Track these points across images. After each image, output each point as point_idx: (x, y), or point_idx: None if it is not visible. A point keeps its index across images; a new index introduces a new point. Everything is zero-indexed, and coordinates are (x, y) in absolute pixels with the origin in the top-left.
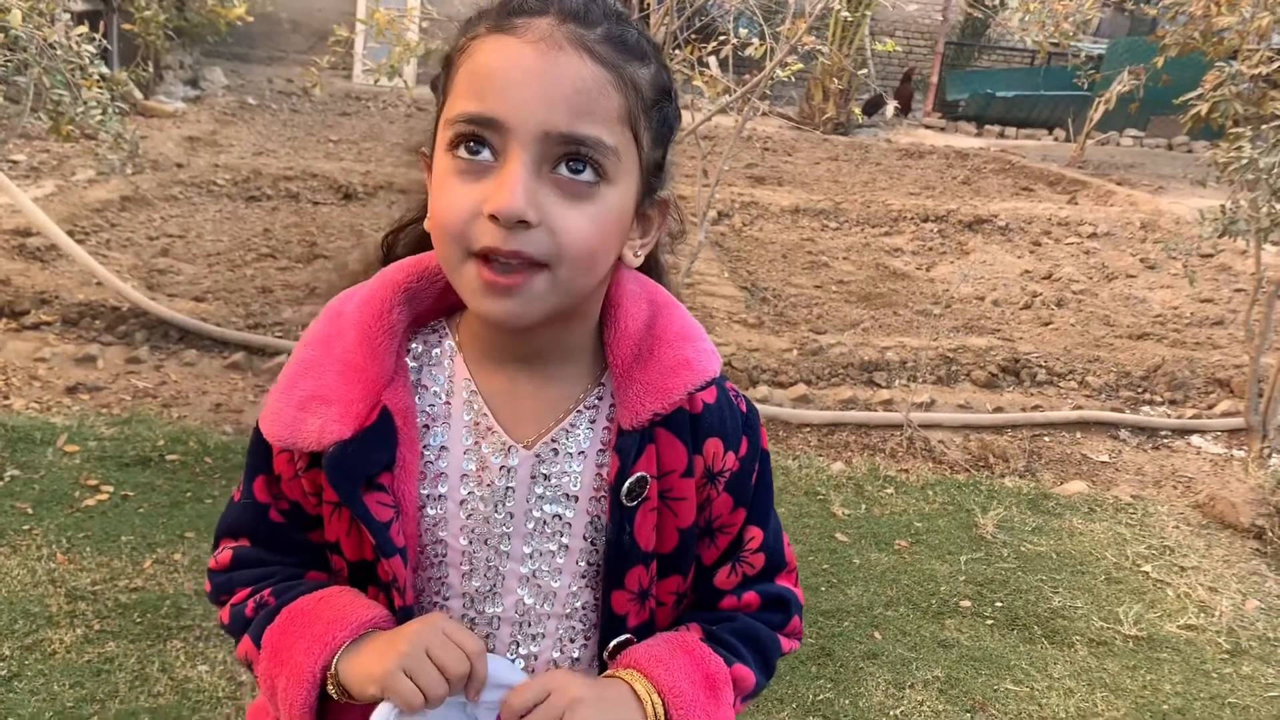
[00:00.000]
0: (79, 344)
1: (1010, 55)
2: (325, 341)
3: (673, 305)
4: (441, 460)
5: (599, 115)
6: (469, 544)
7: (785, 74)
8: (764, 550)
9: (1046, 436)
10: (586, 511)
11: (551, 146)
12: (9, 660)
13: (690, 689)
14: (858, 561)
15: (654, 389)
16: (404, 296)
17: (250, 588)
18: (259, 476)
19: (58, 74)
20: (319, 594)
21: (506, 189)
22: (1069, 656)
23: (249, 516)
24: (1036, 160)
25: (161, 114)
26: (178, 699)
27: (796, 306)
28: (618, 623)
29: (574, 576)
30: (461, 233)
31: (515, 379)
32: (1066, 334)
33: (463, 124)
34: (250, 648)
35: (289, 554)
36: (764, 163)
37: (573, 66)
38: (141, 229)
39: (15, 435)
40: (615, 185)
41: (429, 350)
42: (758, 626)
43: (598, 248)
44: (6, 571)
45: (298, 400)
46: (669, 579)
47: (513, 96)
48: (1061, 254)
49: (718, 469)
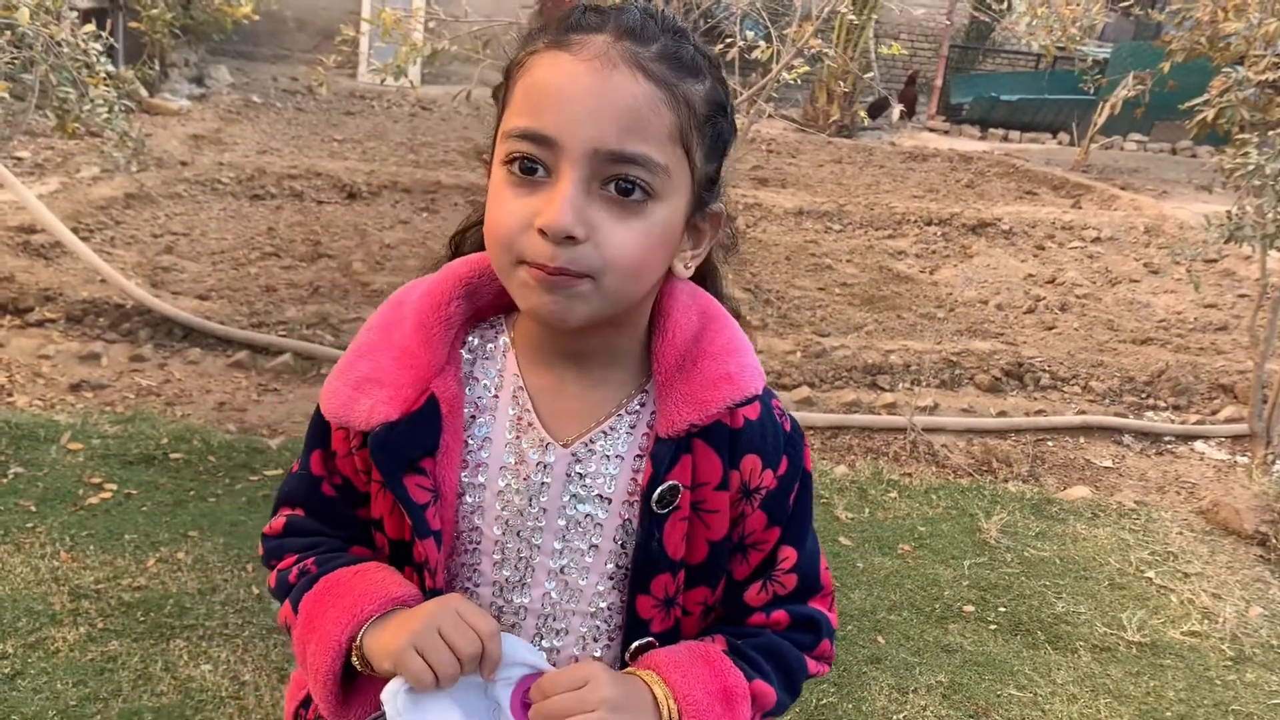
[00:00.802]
0: (83, 341)
1: (1015, 59)
2: (385, 327)
3: (723, 318)
4: (484, 451)
5: (649, 133)
6: (502, 534)
7: (791, 76)
8: (797, 571)
9: (1050, 441)
10: (619, 515)
11: (601, 164)
12: (12, 658)
13: (706, 699)
14: (861, 565)
15: (693, 400)
16: (464, 290)
17: (296, 555)
18: (316, 450)
19: (64, 71)
20: (356, 568)
21: (556, 205)
22: (1072, 662)
23: (304, 488)
24: (1040, 164)
25: (166, 112)
26: (180, 698)
27: (800, 309)
28: (641, 626)
29: (601, 577)
30: (512, 243)
31: (562, 378)
32: (1070, 338)
33: (516, 139)
34: (289, 612)
35: (338, 527)
36: (768, 165)
37: (625, 85)
38: (146, 226)
39: (19, 433)
40: (664, 201)
41: (484, 344)
42: (784, 645)
43: (643, 262)
44: (10, 569)
45: (354, 381)
46: (697, 589)
47: (564, 114)
48: (1065, 258)
49: (754, 485)
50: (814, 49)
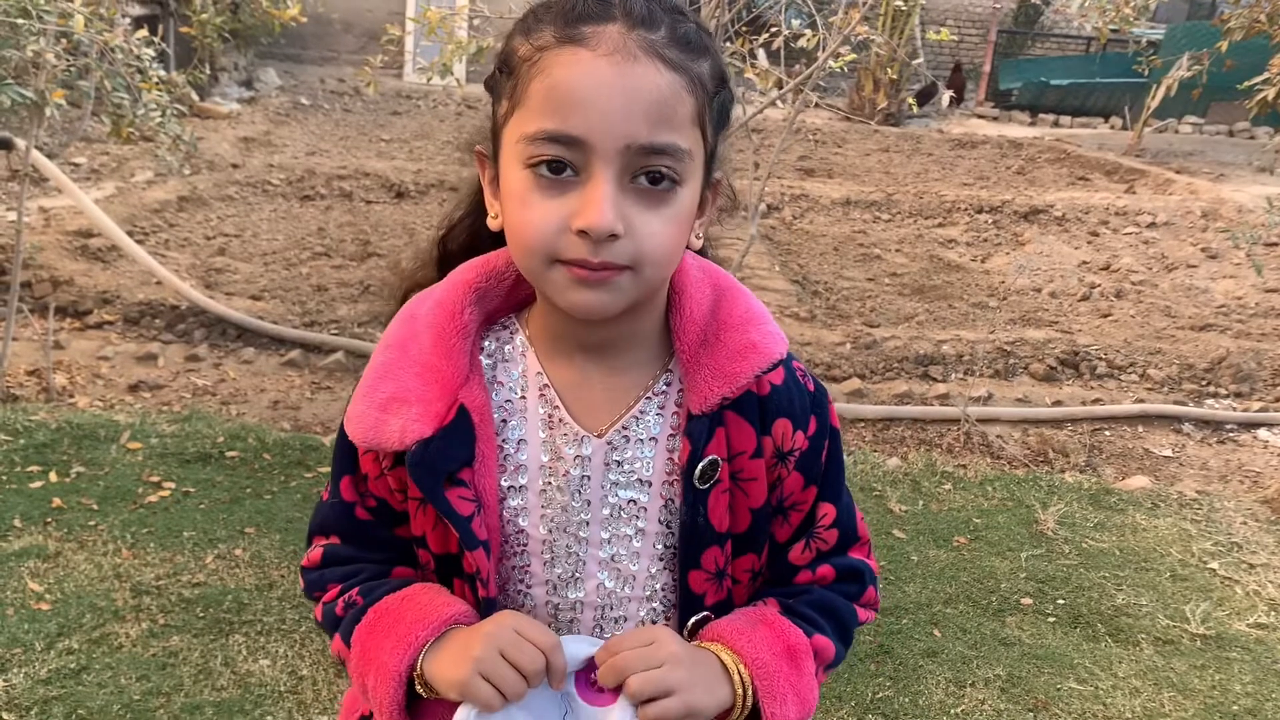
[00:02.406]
0: (140, 342)
1: (1064, 43)
2: (402, 344)
3: (736, 289)
4: (520, 453)
5: (676, 122)
6: (549, 532)
7: (837, 65)
8: (836, 525)
9: (1107, 430)
10: (660, 495)
11: (633, 158)
12: (77, 653)
13: (773, 660)
14: (915, 558)
15: (721, 373)
16: (475, 296)
17: (340, 584)
18: (345, 476)
19: (118, 78)
20: (403, 593)
21: (596, 206)
22: (1134, 655)
23: (337, 515)
24: (1092, 149)
25: (217, 115)
26: (240, 693)
27: (849, 300)
28: (696, 602)
29: (652, 559)
30: (548, 246)
31: (585, 369)
32: (1126, 326)
33: (544, 142)
34: (341, 646)
35: (376, 550)
36: (814, 155)
37: (649, 77)
38: (199, 229)
39: (80, 433)
40: (688, 185)
41: (502, 347)
42: (834, 598)
43: (676, 247)
44: (74, 566)
45: (379, 403)
46: (744, 558)
47: (593, 113)
48: (1120, 244)
49: (787, 449)
50: (860, 36)
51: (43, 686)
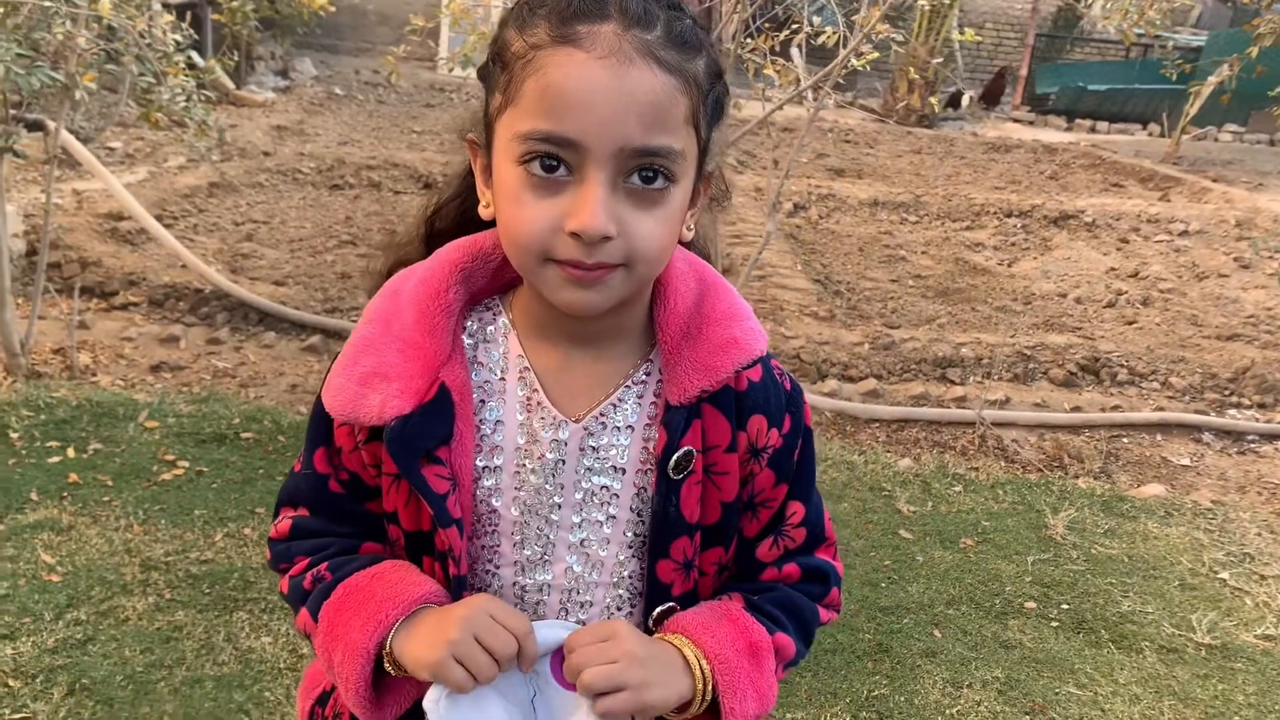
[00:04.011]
0: (163, 324)
1: (1104, 48)
2: (385, 319)
3: (721, 285)
4: (497, 434)
5: (669, 124)
6: (520, 514)
7: (860, 63)
8: (805, 525)
9: (1125, 438)
10: (633, 484)
11: (626, 160)
12: (85, 624)
13: (735, 656)
14: (921, 559)
15: (702, 367)
16: (460, 276)
17: (308, 558)
18: (319, 449)
19: (146, 62)
20: (373, 570)
21: (589, 209)
22: (1136, 662)
23: (309, 487)
24: (1129, 156)
25: (252, 104)
26: (241, 668)
27: (871, 300)
28: (662, 591)
29: (621, 546)
30: (541, 245)
31: (568, 356)
32: (1151, 333)
33: (537, 142)
34: (308, 620)
35: (346, 524)
36: (844, 155)
37: (645, 80)
38: (228, 214)
39: (100, 410)
40: (680, 183)
41: (484, 328)
42: (798, 597)
43: (669, 245)
44: (86, 540)
45: (359, 376)
46: (712, 550)
47: (587, 116)
48: (1150, 252)
49: (761, 445)
50: (883, 34)
51: (49, 655)
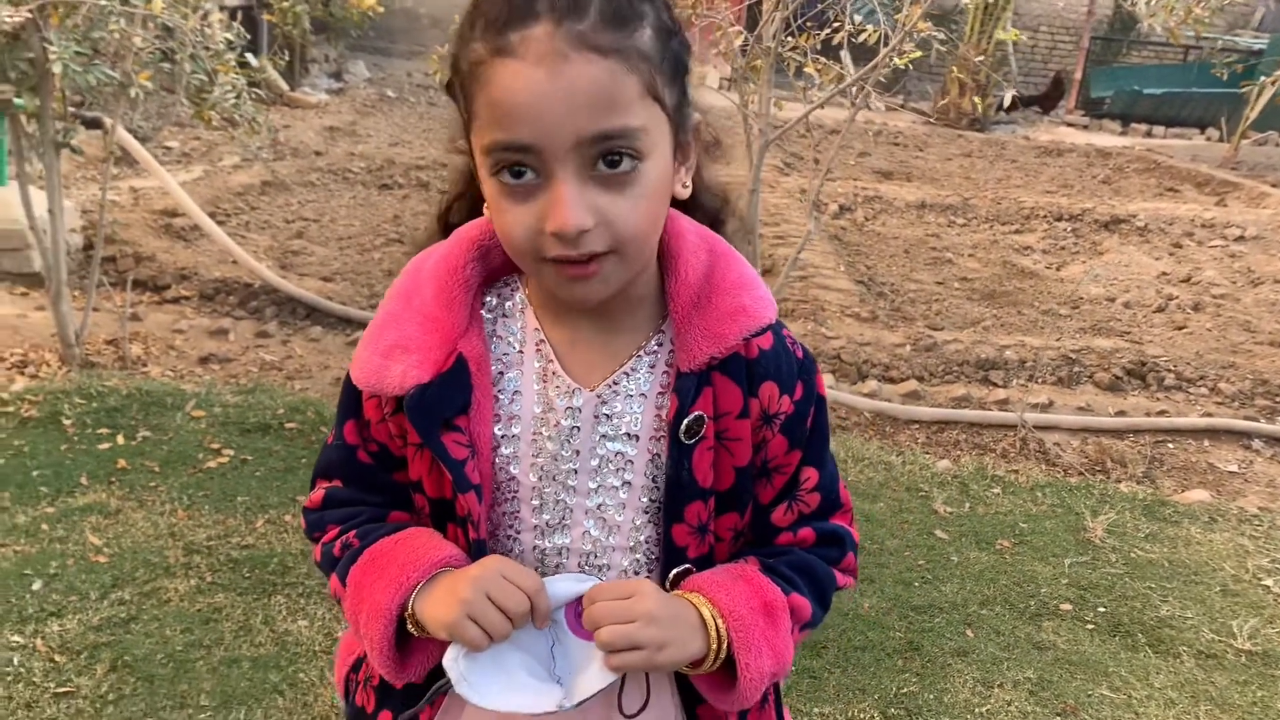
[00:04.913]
0: (213, 318)
1: (1162, 51)
2: (406, 296)
3: (730, 254)
4: (515, 404)
5: (622, 105)
6: (538, 480)
7: (902, 62)
8: (819, 490)
9: (1171, 443)
10: (647, 450)
11: (586, 150)
12: (129, 604)
13: (750, 614)
14: (956, 559)
15: (711, 334)
16: (478, 252)
17: (339, 526)
18: (349, 421)
19: (199, 60)
20: (397, 536)
21: (560, 208)
22: (1173, 667)
23: (340, 458)
24: (1185, 160)
25: (305, 105)
26: (277, 650)
27: (915, 302)
28: (678, 554)
29: (637, 511)
30: (531, 248)
31: (581, 329)
32: (1201, 339)
33: (499, 153)
34: (338, 585)
35: (375, 493)
36: (892, 158)
37: (584, 72)
38: (279, 212)
39: (149, 399)
40: (650, 158)
41: (503, 303)
42: (813, 560)
43: (653, 221)
44: (132, 524)
45: (383, 349)
46: (726, 515)
47: (536, 121)
48: (1204, 257)
49: (773, 411)
50: (923, 33)
51: (94, 633)
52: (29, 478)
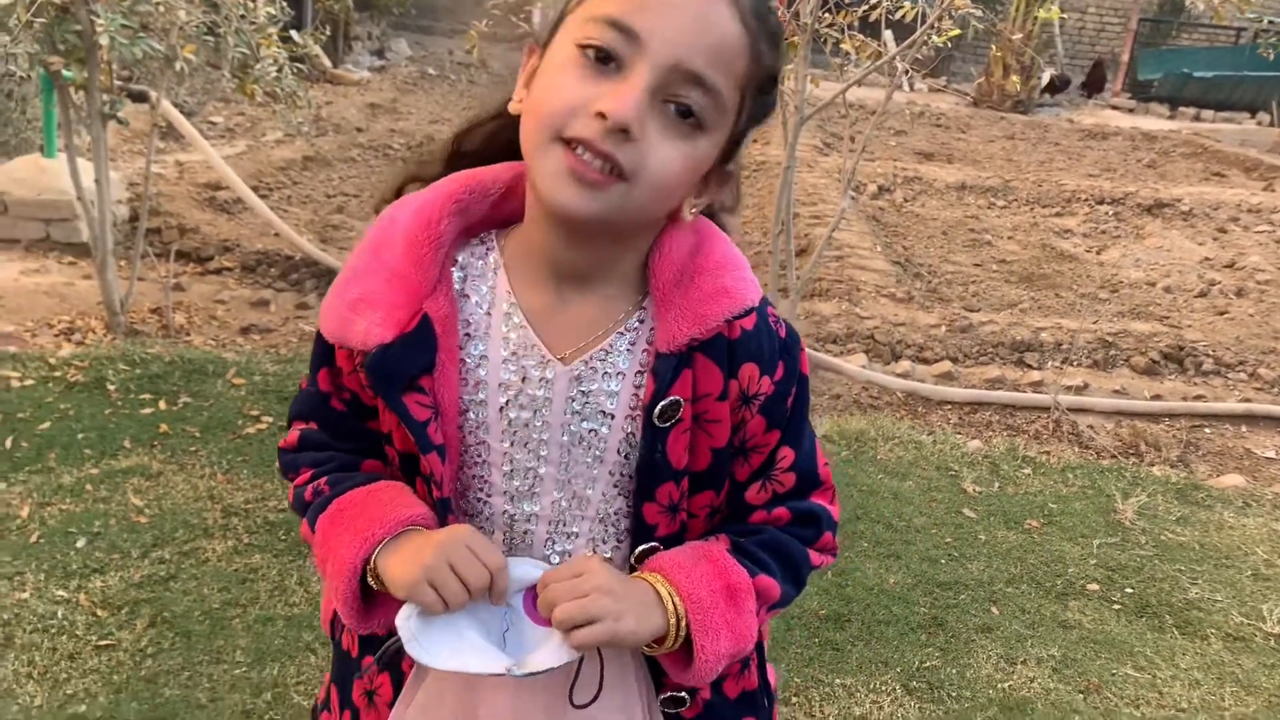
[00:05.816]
0: (255, 289)
1: (1213, 34)
2: (376, 248)
3: (716, 235)
4: (481, 369)
5: (727, 68)
6: (510, 446)
7: (940, 40)
8: (795, 470)
9: (1208, 428)
10: (622, 429)
11: (674, 79)
12: (168, 563)
13: (710, 596)
14: (983, 538)
15: (692, 315)
16: (455, 208)
17: (312, 469)
18: (323, 368)
19: (243, 35)
20: (368, 489)
21: (624, 97)
22: (1200, 648)
23: (314, 403)
24: (1233, 144)
25: (348, 82)
26: (310, 610)
27: (952, 284)
28: (648, 531)
29: (607, 486)
30: (562, 120)
31: (557, 293)
32: (1242, 324)
33: (604, 25)
34: (308, 531)
35: (349, 440)
36: (934, 139)
37: (724, 16)
38: (320, 187)
39: (191, 367)
40: (709, 137)
41: (475, 262)
42: (786, 539)
43: (677, 183)
44: (173, 486)
45: (349, 302)
46: (702, 494)
47: (662, 19)
48: (1249, 242)
49: (752, 392)
50: (961, 9)
51: (135, 590)
52: (74, 440)
